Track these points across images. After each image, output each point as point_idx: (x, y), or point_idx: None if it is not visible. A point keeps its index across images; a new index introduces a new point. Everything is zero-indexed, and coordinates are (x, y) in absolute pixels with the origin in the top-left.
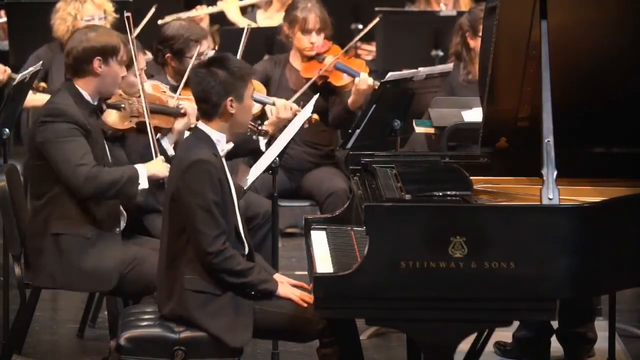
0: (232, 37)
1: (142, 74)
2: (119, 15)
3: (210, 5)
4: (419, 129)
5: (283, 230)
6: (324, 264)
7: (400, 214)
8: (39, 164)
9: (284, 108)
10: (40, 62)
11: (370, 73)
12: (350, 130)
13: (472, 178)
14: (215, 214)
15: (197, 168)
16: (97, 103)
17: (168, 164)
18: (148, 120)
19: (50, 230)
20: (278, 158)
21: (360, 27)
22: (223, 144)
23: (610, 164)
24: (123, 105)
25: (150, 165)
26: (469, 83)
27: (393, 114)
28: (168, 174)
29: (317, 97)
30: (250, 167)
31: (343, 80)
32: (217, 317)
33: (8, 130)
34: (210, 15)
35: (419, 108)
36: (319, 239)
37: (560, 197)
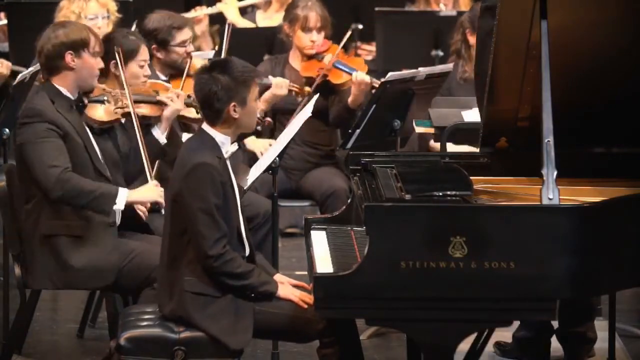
0: (239, 37)
1: (145, 67)
2: (122, 15)
3: (210, 6)
4: (419, 129)
5: (283, 230)
6: (324, 264)
7: (400, 214)
8: (23, 168)
9: (280, 85)
10: None
11: (370, 73)
12: (350, 130)
13: (472, 178)
14: (216, 217)
15: (199, 171)
16: (76, 97)
17: (161, 189)
18: (133, 110)
19: (42, 233)
20: (278, 158)
21: (361, 27)
22: (227, 146)
23: (610, 164)
24: (106, 98)
25: (136, 192)
26: (465, 81)
27: (393, 114)
28: (162, 196)
29: (316, 97)
30: (250, 167)
31: (342, 78)
32: (217, 319)
33: (8, 130)
34: (210, 16)
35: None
36: (319, 239)
37: (560, 197)
